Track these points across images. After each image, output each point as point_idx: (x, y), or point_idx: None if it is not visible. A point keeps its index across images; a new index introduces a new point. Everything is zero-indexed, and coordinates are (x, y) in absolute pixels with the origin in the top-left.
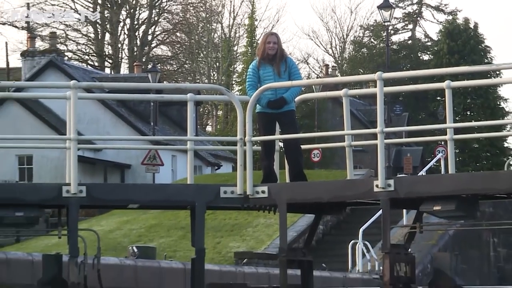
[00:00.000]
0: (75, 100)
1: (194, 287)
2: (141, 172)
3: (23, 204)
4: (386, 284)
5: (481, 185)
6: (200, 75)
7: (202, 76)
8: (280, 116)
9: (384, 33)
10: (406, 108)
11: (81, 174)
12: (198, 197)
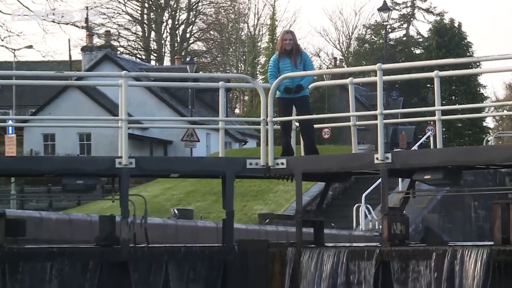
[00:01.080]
0: (126, 87)
1: (225, 243)
2: (181, 147)
3: (83, 173)
4: (385, 240)
5: (464, 158)
6: (230, 67)
7: (231, 67)
8: (296, 101)
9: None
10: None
11: (131, 148)
12: (228, 168)
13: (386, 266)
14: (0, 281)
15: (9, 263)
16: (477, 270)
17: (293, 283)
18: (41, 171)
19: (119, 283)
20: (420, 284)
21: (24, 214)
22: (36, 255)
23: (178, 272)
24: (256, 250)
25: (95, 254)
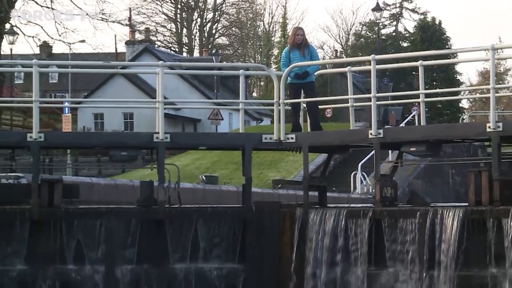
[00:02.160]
0: (162, 74)
1: (244, 204)
2: (208, 125)
3: (126, 146)
4: (377, 202)
5: (443, 133)
6: (248, 57)
7: (250, 58)
8: (304, 86)
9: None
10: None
11: (166, 126)
12: (247, 142)
13: (378, 224)
14: (58, 236)
15: (65, 221)
16: (454, 226)
17: (301, 237)
18: (92, 144)
19: (157, 238)
20: (407, 238)
21: (78, 180)
22: (88, 214)
23: (206, 228)
24: (270, 210)
25: (137, 213)
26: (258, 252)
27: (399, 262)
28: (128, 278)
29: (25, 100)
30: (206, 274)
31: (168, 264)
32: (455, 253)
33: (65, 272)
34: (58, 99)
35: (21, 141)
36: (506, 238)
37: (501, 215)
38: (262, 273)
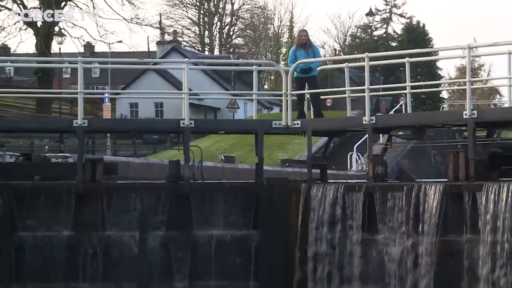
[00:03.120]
0: (187, 70)
1: (257, 180)
2: (226, 113)
3: (157, 131)
4: (370, 178)
5: (426, 120)
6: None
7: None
8: (308, 79)
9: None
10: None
11: (191, 113)
12: (259, 127)
13: (371, 197)
14: (99, 207)
15: (106, 195)
16: (435, 199)
17: (305, 209)
18: (128, 129)
19: (182, 208)
20: (395, 209)
21: (116, 159)
22: (124, 189)
23: (224, 200)
24: (279, 185)
25: (166, 188)
26: (269, 221)
27: (388, 229)
28: (159, 243)
29: (72, 91)
30: (224, 239)
31: (192, 231)
32: (436, 221)
33: (105, 237)
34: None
35: (68, 127)
36: (479, 209)
37: (476, 189)
38: (272, 239)
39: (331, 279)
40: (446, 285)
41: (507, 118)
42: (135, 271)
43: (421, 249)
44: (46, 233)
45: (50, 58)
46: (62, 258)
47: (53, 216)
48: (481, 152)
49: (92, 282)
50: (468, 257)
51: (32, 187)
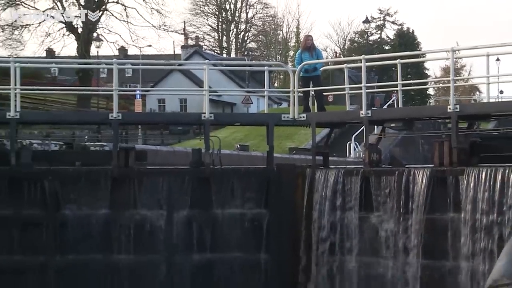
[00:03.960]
0: (208, 70)
1: (268, 165)
2: (241, 107)
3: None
4: (366, 164)
5: (415, 113)
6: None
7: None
8: (312, 78)
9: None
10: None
11: (210, 108)
12: (270, 119)
13: (367, 180)
14: (132, 189)
15: (137, 178)
16: (423, 182)
17: (310, 191)
18: (157, 121)
19: (204, 191)
20: (388, 191)
21: (146, 148)
22: (153, 173)
23: (240, 183)
24: (287, 170)
25: (189, 172)
26: (278, 201)
27: (382, 208)
28: (183, 220)
29: (108, 89)
30: (240, 217)
31: (211, 210)
32: (424, 202)
33: (137, 215)
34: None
35: (105, 119)
36: (461, 190)
37: (458, 173)
38: (281, 216)
39: (333, 251)
40: (432, 256)
41: (485, 112)
42: (162, 244)
43: (411, 226)
44: (85, 212)
45: (89, 60)
46: (99, 233)
47: (91, 197)
48: (463, 141)
49: (125, 254)
50: (451, 233)
51: (74, 171)
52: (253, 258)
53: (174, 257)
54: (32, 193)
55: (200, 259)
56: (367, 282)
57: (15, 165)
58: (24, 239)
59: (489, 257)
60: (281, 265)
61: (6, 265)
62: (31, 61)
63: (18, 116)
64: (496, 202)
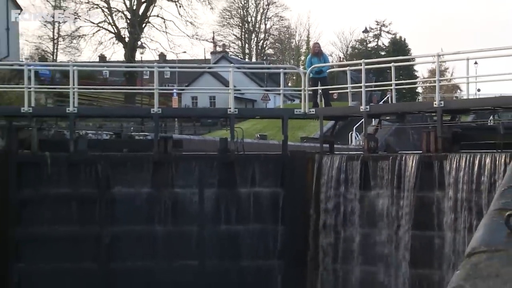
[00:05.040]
0: (233, 72)
1: (283, 152)
2: (260, 103)
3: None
4: (365, 150)
5: (406, 108)
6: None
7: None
8: (320, 79)
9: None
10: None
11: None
12: (285, 113)
13: (366, 164)
14: (170, 172)
15: (174, 162)
16: (413, 165)
17: (318, 173)
18: (190, 115)
19: (229, 173)
20: (384, 173)
21: (182, 137)
22: (187, 158)
23: (260, 167)
24: (299, 156)
25: (217, 158)
26: (292, 182)
27: (378, 187)
28: (213, 197)
29: (150, 88)
30: (260, 195)
31: (236, 189)
32: (413, 182)
33: (174, 193)
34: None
35: (147, 113)
36: (445, 173)
37: (442, 158)
38: (294, 194)
39: (337, 223)
40: (421, 228)
41: (465, 107)
42: (195, 217)
43: (402, 202)
44: (131, 190)
45: (134, 64)
46: (142, 208)
47: (136, 178)
48: (446, 131)
49: (164, 225)
50: (436, 208)
51: (122, 157)
52: (271, 229)
53: (205, 228)
54: (87, 175)
55: (226, 230)
56: (365, 249)
57: (73, 152)
58: (81, 213)
59: (468, 228)
60: (294, 234)
61: (66, 235)
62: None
63: (76, 111)
64: (474, 182)
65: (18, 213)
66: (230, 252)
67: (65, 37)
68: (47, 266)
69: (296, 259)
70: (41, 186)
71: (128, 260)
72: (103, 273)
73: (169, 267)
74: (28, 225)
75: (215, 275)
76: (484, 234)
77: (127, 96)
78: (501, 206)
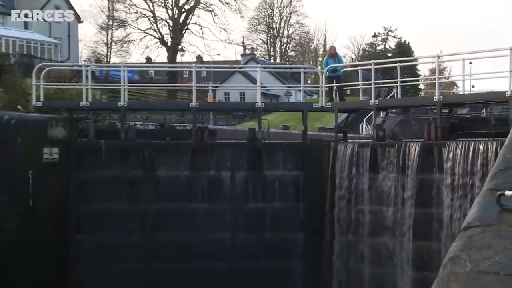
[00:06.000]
0: (260, 72)
1: (303, 140)
2: (284, 98)
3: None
4: (374, 139)
5: (410, 102)
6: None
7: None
8: (335, 77)
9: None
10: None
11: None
12: (304, 107)
13: (375, 150)
14: (207, 157)
15: (209, 149)
16: (416, 152)
17: (333, 158)
18: (223, 109)
19: (256, 158)
20: (390, 158)
21: (216, 127)
22: (221, 146)
23: (283, 153)
24: (317, 143)
25: (246, 145)
26: (311, 166)
27: (386, 170)
28: (242, 179)
29: (189, 85)
30: (283, 177)
31: (262, 172)
32: (416, 166)
33: (209, 175)
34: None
35: (187, 107)
36: (443, 158)
37: (441, 145)
38: (313, 177)
39: (350, 202)
40: (422, 205)
41: (461, 101)
42: (227, 196)
43: (406, 183)
44: (173, 173)
45: (175, 65)
46: (182, 188)
47: (177, 163)
48: (445, 122)
49: (201, 203)
50: (436, 188)
51: (165, 144)
52: (292, 206)
53: (236, 205)
54: (136, 160)
55: (254, 207)
56: (374, 224)
57: (124, 140)
58: (130, 192)
59: (463, 206)
60: (312, 212)
61: (118, 210)
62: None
63: (126, 105)
64: (469, 166)
65: (77, 192)
66: (257, 226)
67: (117, 42)
68: (102, 237)
69: (314, 231)
70: (97, 169)
71: (169, 232)
72: (149, 243)
73: (204, 239)
74: (86, 202)
75: (244, 246)
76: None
77: (169, 93)
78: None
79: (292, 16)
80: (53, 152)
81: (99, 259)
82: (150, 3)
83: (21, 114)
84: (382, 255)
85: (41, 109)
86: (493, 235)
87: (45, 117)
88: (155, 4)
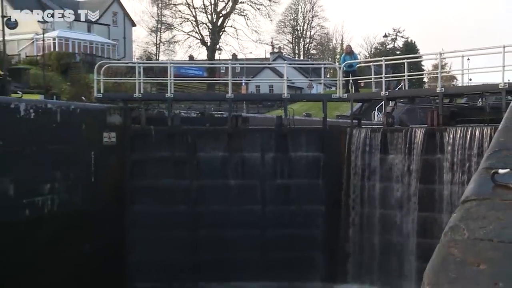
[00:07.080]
0: (286, 68)
1: (323, 126)
2: (306, 90)
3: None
4: (384, 125)
5: (416, 93)
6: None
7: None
8: (351, 72)
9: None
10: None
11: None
12: (324, 98)
13: (385, 135)
14: (241, 140)
15: (243, 134)
16: (421, 136)
17: (349, 141)
18: (254, 99)
19: (283, 142)
20: (398, 142)
21: (248, 115)
22: (253, 131)
23: (306, 137)
24: (335, 129)
25: (274, 131)
26: (330, 148)
27: (395, 152)
28: (271, 159)
29: (225, 79)
30: (306, 157)
31: (288, 153)
32: (421, 148)
33: (242, 156)
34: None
35: (223, 98)
36: (444, 141)
37: (443, 131)
38: (331, 157)
39: (363, 179)
40: (426, 182)
41: (460, 92)
42: (258, 174)
43: (412, 163)
44: (212, 154)
45: (214, 62)
46: (220, 167)
47: (215, 145)
48: (446, 110)
49: (235, 179)
50: (438, 167)
51: (205, 129)
52: (313, 183)
53: (265, 182)
54: (180, 143)
55: (281, 183)
56: (384, 198)
57: (171, 126)
58: (176, 170)
59: (462, 182)
60: (331, 187)
61: (165, 186)
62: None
63: (172, 96)
64: (466, 148)
65: (131, 170)
66: (284, 199)
67: (164, 43)
68: (152, 208)
69: (332, 205)
70: (148, 151)
71: (209, 204)
72: (192, 214)
73: (239, 210)
74: (138, 179)
75: (272, 216)
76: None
77: (208, 86)
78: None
79: (314, 20)
80: (111, 136)
81: (150, 226)
82: (193, 9)
83: (84, 104)
84: (391, 225)
85: (101, 100)
86: (488, 207)
87: (105, 107)
88: (197, 10)
